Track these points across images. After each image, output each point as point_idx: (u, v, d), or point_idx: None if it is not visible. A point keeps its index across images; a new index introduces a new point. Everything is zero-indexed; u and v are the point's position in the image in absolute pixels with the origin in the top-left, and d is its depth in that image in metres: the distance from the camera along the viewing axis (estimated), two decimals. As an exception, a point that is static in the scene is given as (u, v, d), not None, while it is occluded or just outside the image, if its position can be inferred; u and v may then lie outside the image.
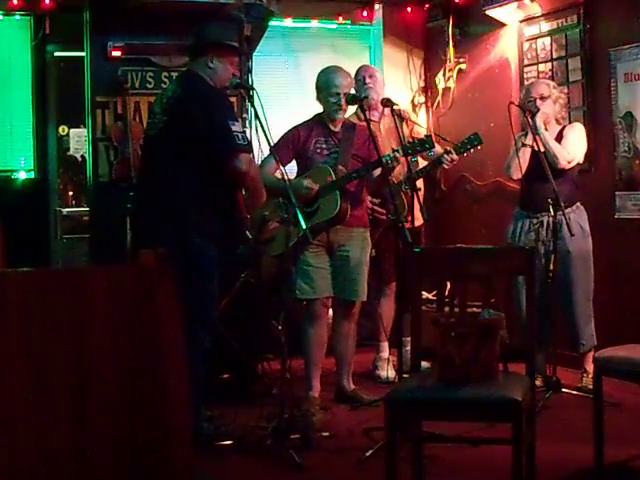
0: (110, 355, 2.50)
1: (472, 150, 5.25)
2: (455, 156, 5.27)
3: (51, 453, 2.46)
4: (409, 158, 5.04)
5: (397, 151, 4.96)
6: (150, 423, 2.52)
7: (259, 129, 4.32)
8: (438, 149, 5.45)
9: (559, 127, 5.39)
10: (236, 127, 4.25)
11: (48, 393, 2.47)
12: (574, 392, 5.10)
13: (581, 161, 5.37)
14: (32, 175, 6.66)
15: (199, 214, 4.30)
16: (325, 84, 5.12)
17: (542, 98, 5.29)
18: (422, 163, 5.76)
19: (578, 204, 5.29)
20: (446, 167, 5.44)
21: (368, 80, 5.71)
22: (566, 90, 5.83)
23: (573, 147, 5.30)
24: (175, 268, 2.69)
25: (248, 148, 4.33)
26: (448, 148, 5.33)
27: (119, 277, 2.59)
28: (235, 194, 4.59)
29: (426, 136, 5.17)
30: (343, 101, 5.05)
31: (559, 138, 5.31)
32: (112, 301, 2.52)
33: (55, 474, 2.45)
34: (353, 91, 5.26)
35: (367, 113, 4.89)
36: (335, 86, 5.07)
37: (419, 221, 5.46)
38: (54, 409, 2.47)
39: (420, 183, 5.63)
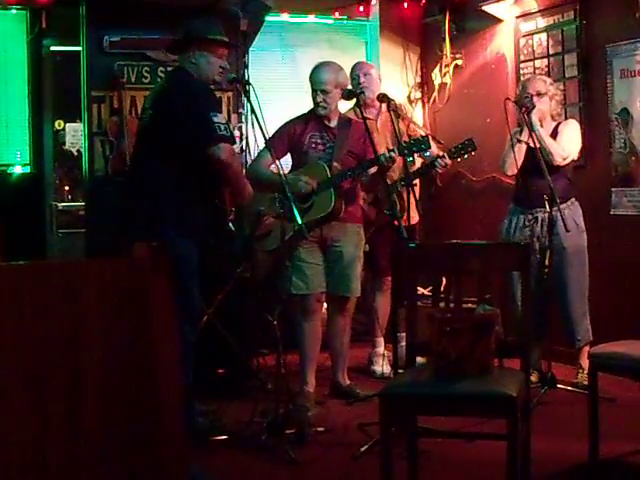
0: (103, 347, 2.50)
1: (466, 156, 5.24)
2: (448, 161, 5.27)
3: (43, 446, 2.46)
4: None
5: (393, 151, 4.94)
6: (143, 416, 2.53)
7: (255, 124, 4.31)
8: (434, 149, 5.43)
9: (554, 123, 5.38)
10: (218, 119, 4.20)
11: (41, 384, 2.47)
12: (569, 388, 5.09)
13: (575, 158, 5.37)
14: (28, 169, 6.64)
15: (176, 208, 4.25)
16: (309, 81, 5.11)
17: (538, 94, 5.27)
18: (419, 161, 5.76)
19: (573, 200, 5.29)
20: (439, 171, 5.43)
21: (362, 80, 5.68)
22: (562, 86, 5.83)
23: (568, 144, 5.29)
24: None
25: (229, 139, 4.24)
26: (441, 152, 5.33)
27: (113, 270, 2.59)
28: (219, 189, 4.54)
29: (422, 136, 5.14)
30: (322, 97, 5.02)
31: (554, 134, 5.30)
32: (106, 294, 2.53)
33: (46, 469, 2.46)
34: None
35: (363, 109, 4.87)
36: (313, 82, 5.07)
37: (415, 219, 5.47)
38: (47, 400, 2.47)
39: (415, 179, 5.63)
